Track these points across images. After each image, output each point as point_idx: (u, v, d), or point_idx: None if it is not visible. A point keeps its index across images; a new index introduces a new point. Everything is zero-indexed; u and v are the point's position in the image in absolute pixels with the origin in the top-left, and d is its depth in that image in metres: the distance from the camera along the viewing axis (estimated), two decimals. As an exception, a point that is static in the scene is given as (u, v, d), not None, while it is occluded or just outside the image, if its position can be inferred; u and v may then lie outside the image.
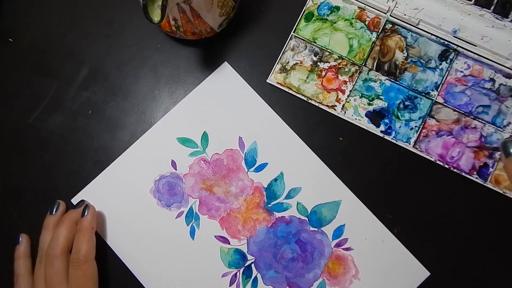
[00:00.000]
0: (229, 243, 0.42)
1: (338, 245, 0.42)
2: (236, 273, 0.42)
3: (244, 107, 0.43)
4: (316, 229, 0.42)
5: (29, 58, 0.46)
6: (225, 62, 0.44)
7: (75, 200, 0.43)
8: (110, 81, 0.45)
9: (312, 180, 0.42)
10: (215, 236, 0.42)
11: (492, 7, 0.42)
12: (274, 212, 0.42)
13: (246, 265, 0.42)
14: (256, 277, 0.41)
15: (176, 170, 0.43)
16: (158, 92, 0.45)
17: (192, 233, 0.42)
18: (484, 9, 0.43)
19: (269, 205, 0.42)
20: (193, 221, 0.42)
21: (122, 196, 0.43)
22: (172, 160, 0.43)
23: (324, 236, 0.42)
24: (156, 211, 0.43)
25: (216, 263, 0.42)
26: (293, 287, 0.41)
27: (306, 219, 0.42)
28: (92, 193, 0.43)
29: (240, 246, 0.42)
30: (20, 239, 0.42)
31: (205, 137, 0.43)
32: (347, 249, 0.42)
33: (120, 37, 0.46)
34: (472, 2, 0.43)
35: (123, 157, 0.43)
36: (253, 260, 0.42)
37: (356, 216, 0.42)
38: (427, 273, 0.40)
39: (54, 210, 0.42)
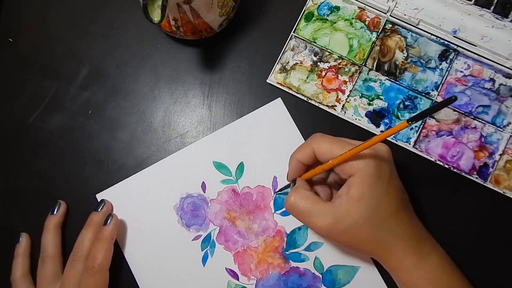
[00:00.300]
0: (238, 279, 0.41)
1: None
2: None
3: (287, 148, 0.41)
4: None
5: (29, 58, 0.46)
6: (279, 98, 0.43)
7: (99, 197, 0.43)
8: (110, 81, 0.45)
9: None
10: (226, 268, 0.41)
11: (492, 7, 0.42)
12: (290, 261, 0.41)
13: None
14: None
15: (204, 192, 0.43)
16: (158, 92, 0.45)
17: (205, 259, 0.42)
18: (484, 9, 0.43)
19: (287, 252, 0.42)
20: (208, 247, 0.42)
21: (145, 205, 0.42)
22: (203, 182, 0.43)
23: None
24: (175, 229, 0.42)
25: None
26: None
27: (320, 276, 0.41)
28: (116, 194, 0.43)
29: (248, 285, 0.41)
30: (21, 238, 0.42)
31: (240, 167, 0.43)
32: None
33: (120, 37, 0.46)
34: (472, 2, 0.43)
35: (155, 166, 0.43)
36: None
37: (370, 287, 0.41)
38: None
39: (56, 211, 0.42)
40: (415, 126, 0.42)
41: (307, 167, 0.38)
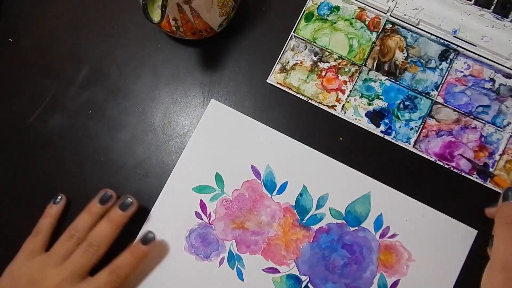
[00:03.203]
0: (279, 272, 0.41)
1: (382, 235, 0.41)
2: None
3: (246, 136, 0.43)
4: (356, 228, 0.41)
5: (29, 58, 0.46)
6: (212, 99, 0.44)
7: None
8: (110, 81, 0.45)
9: (336, 182, 0.42)
10: (263, 270, 0.41)
11: (492, 7, 0.42)
12: (311, 226, 0.42)
13: (303, 286, 0.41)
14: None
15: (202, 220, 0.42)
16: (158, 92, 0.45)
17: (240, 274, 0.41)
18: (484, 9, 0.43)
19: (304, 221, 0.42)
20: (237, 263, 0.41)
21: (158, 262, 0.42)
22: (195, 211, 0.42)
23: (367, 232, 0.41)
24: (197, 266, 0.41)
25: None
26: None
27: (343, 221, 0.42)
28: None
29: (290, 271, 0.41)
30: (59, 199, 0.42)
31: (219, 178, 0.43)
32: (392, 236, 0.41)
33: (120, 37, 0.46)
34: (472, 2, 0.43)
35: (148, 223, 0.42)
36: (308, 279, 0.41)
37: (389, 202, 0.42)
38: (474, 232, 0.41)
39: (105, 202, 0.41)
40: (415, 126, 0.42)
41: None
